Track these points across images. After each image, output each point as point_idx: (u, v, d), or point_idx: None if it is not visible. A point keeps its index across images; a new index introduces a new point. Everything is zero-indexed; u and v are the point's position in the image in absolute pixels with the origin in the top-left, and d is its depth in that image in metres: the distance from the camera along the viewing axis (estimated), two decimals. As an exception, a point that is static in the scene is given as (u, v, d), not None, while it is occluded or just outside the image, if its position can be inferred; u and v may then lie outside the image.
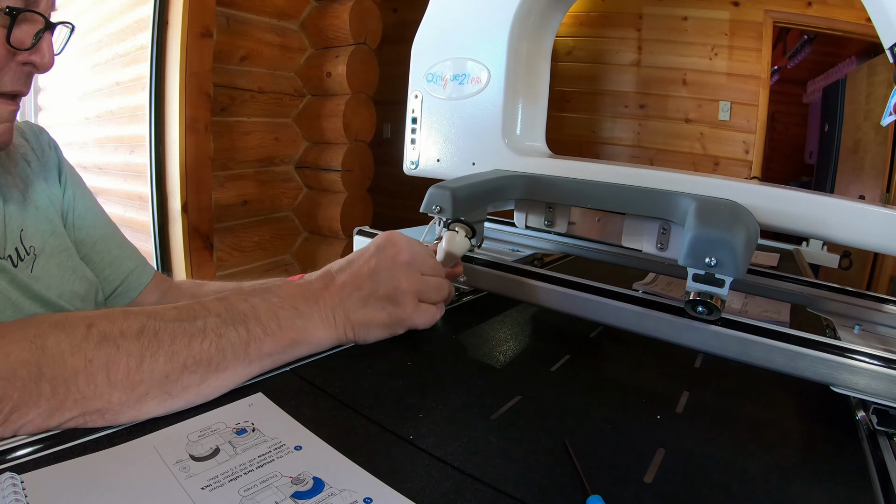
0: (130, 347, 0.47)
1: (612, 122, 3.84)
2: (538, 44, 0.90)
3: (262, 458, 0.43)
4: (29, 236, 0.73)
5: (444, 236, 0.68)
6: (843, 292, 0.77)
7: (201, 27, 2.23)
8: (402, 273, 0.60)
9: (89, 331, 0.47)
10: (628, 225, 0.71)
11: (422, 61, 0.94)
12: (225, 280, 2.64)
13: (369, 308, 0.59)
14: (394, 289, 0.60)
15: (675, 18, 3.56)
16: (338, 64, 2.78)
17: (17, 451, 0.42)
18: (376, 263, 0.60)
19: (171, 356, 0.48)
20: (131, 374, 0.46)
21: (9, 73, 0.63)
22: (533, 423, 0.52)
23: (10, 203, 0.73)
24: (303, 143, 2.99)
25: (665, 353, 0.71)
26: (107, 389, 0.45)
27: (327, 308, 0.58)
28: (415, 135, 0.95)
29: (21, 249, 0.71)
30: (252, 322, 0.53)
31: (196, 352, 0.49)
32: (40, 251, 0.74)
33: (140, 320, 0.49)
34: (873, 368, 0.50)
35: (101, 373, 0.45)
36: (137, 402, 0.46)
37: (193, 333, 0.50)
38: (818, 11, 3.20)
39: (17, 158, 0.77)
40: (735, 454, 0.50)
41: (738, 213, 0.61)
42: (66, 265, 0.78)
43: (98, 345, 0.46)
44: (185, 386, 0.48)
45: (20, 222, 0.73)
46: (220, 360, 0.50)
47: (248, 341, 0.52)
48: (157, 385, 0.47)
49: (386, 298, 0.60)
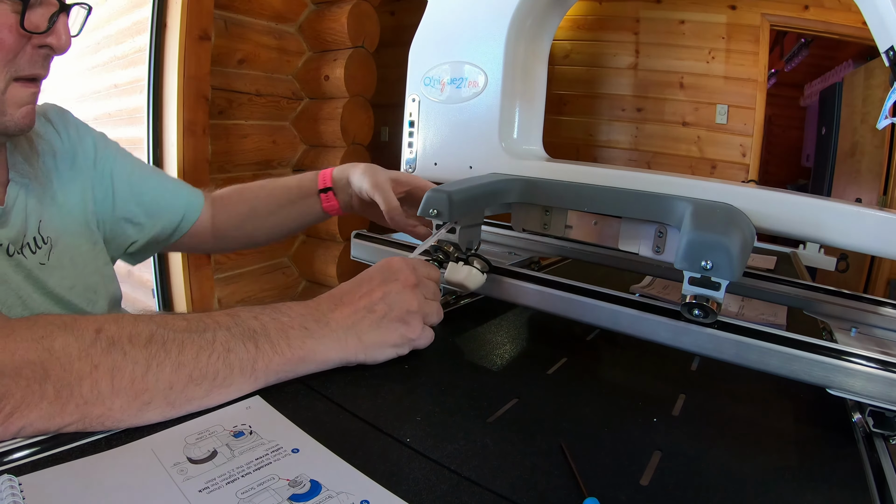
0: (137, 355, 0.47)
1: (609, 125, 3.85)
2: (535, 47, 0.90)
3: (260, 460, 0.43)
4: (46, 227, 0.76)
5: (460, 270, 0.69)
6: (840, 295, 0.77)
7: (199, 30, 2.23)
8: (411, 296, 0.61)
9: (98, 335, 0.47)
10: (625, 228, 0.71)
11: (419, 65, 0.94)
12: (224, 285, 2.64)
13: (382, 329, 0.59)
14: (406, 312, 0.60)
15: (673, 22, 3.56)
16: (335, 67, 2.78)
17: (15, 454, 0.42)
18: (388, 288, 0.61)
19: (177, 367, 0.48)
20: (136, 383, 0.46)
21: (25, 57, 0.64)
22: (529, 426, 0.52)
23: (31, 195, 0.75)
24: (300, 146, 2.99)
25: (662, 356, 0.71)
26: (109, 396, 0.45)
27: (339, 329, 0.58)
28: (412, 138, 0.95)
29: (38, 239, 0.74)
30: (261, 339, 0.53)
31: (203, 365, 0.49)
32: (56, 242, 0.77)
33: (149, 328, 0.49)
34: (869, 371, 0.51)
35: (106, 379, 0.45)
36: (139, 410, 0.46)
37: (202, 346, 0.50)
38: (815, 15, 3.21)
39: (41, 149, 0.79)
40: (731, 456, 0.50)
41: (733, 216, 0.61)
42: (81, 258, 0.80)
43: (105, 350, 0.46)
44: (188, 398, 0.48)
45: (39, 213, 0.76)
46: (227, 374, 0.50)
47: (256, 358, 0.52)
48: (161, 395, 0.47)
49: (398, 320, 0.60)
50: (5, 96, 0.64)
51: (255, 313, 0.55)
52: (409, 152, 0.96)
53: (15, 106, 0.66)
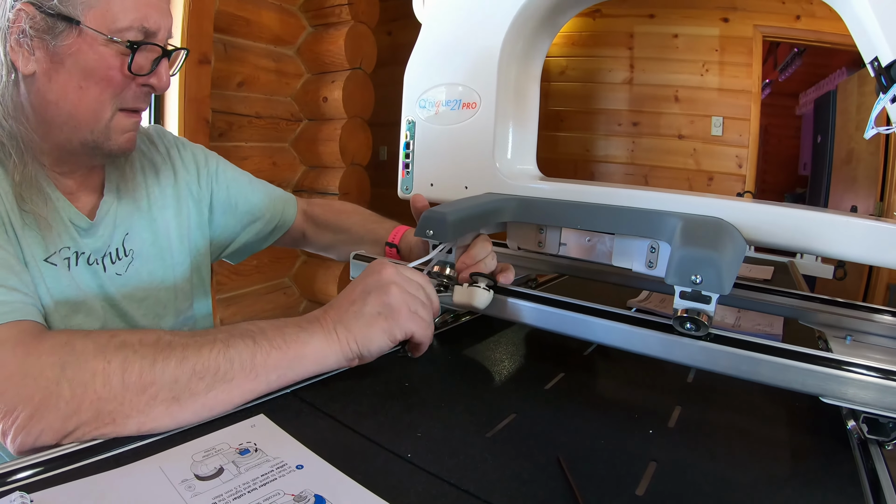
0: (145, 351, 0.53)
1: (606, 140, 3.86)
2: (527, 69, 0.92)
3: (265, 476, 0.44)
4: (131, 240, 0.83)
5: (467, 291, 0.70)
6: (834, 304, 0.77)
7: (199, 54, 2.26)
8: (390, 286, 0.64)
9: (112, 339, 0.54)
10: (618, 245, 0.72)
11: (414, 87, 0.96)
12: (225, 306, 2.65)
13: (366, 317, 0.62)
14: (384, 303, 0.63)
15: (666, 36, 3.59)
16: (334, 89, 2.81)
17: (26, 471, 0.44)
18: (366, 282, 0.65)
19: (181, 360, 0.53)
20: (144, 375, 0.51)
21: (130, 92, 0.73)
22: (528, 440, 0.53)
23: (122, 207, 0.83)
24: (300, 167, 3.01)
25: (658, 369, 0.72)
26: (120, 390, 0.50)
27: (329, 325, 0.61)
28: (408, 160, 0.97)
29: (120, 250, 0.81)
30: (258, 336, 0.57)
31: (205, 358, 0.53)
32: (137, 255, 0.84)
33: (157, 333, 0.55)
34: (861, 378, 0.51)
35: (117, 374, 0.51)
36: (146, 405, 0.50)
37: (203, 343, 0.55)
38: (807, 25, 3.23)
39: (139, 166, 0.88)
40: (727, 466, 0.51)
41: (722, 231, 0.62)
42: (160, 272, 0.87)
43: (118, 349, 0.52)
44: (192, 392, 0.52)
45: (128, 226, 0.83)
46: (228, 369, 0.54)
47: (255, 352, 0.56)
48: (167, 387, 0.51)
49: (380, 306, 0.63)
50: (111, 123, 0.73)
51: (253, 322, 0.60)
52: (405, 174, 0.97)
53: (119, 132, 0.75)
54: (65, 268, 0.73)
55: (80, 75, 0.69)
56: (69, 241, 0.74)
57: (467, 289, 0.70)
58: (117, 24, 0.68)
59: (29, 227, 0.70)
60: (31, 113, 0.71)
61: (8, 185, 0.68)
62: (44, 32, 0.66)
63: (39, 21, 0.66)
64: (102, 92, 0.71)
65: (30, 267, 0.69)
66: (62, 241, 0.73)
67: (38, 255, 0.70)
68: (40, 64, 0.68)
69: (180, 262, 0.90)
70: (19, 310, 0.58)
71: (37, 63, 0.68)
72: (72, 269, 0.74)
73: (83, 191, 0.79)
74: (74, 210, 0.76)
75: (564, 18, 0.91)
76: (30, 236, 0.70)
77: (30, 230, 0.70)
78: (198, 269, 0.96)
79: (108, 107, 0.72)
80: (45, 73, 0.68)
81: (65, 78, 0.69)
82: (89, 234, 0.77)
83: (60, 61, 0.68)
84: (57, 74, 0.69)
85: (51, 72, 0.68)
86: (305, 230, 1.12)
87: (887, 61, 0.59)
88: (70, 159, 0.75)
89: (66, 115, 0.71)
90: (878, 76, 0.61)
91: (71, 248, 0.75)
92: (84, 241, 0.77)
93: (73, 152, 0.74)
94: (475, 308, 0.70)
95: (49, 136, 0.72)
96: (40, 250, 0.71)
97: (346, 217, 1.11)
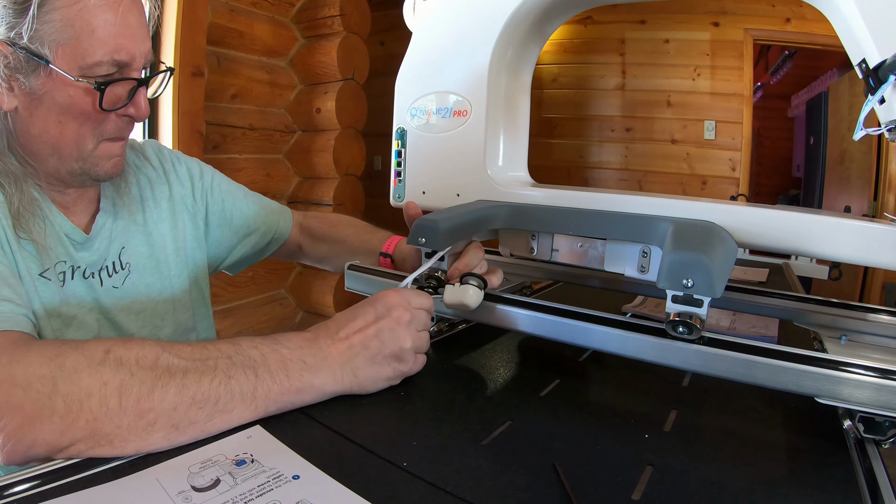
0: (144, 376, 0.51)
1: (599, 146, 3.88)
2: (517, 76, 0.92)
3: (262, 487, 0.44)
4: (128, 253, 0.84)
5: (457, 291, 0.70)
6: (829, 304, 0.78)
7: (193, 67, 2.26)
8: (405, 332, 0.63)
9: (107, 355, 0.51)
10: (610, 250, 0.72)
11: (405, 96, 0.96)
12: (221, 317, 2.64)
13: (376, 365, 0.62)
14: (400, 349, 0.62)
15: (658, 41, 3.62)
16: (327, 100, 2.81)
17: (22, 485, 0.44)
18: (382, 324, 0.63)
19: (181, 389, 0.51)
20: (141, 401, 0.49)
21: (110, 124, 0.74)
22: (523, 447, 0.53)
23: (118, 221, 0.83)
24: (294, 178, 3.01)
25: (653, 374, 0.72)
26: (117, 414, 0.49)
27: (336, 365, 0.60)
28: (400, 168, 0.97)
29: (117, 264, 0.82)
30: (261, 368, 0.56)
31: (205, 389, 0.52)
32: (134, 268, 0.84)
33: (155, 351, 0.53)
34: (856, 378, 0.51)
35: (115, 396, 0.49)
36: (145, 430, 0.49)
37: (204, 371, 0.53)
38: (797, 27, 3.26)
39: (133, 180, 0.88)
40: (722, 468, 0.51)
41: (712, 234, 0.62)
42: (157, 285, 0.87)
43: (114, 369, 0.51)
44: (192, 420, 0.51)
45: (124, 240, 0.84)
46: (228, 400, 0.53)
47: (256, 386, 0.55)
48: (166, 416, 0.50)
49: (392, 356, 0.62)
50: (96, 152, 0.74)
51: (255, 343, 0.58)
52: (397, 182, 0.97)
53: (106, 159, 0.75)
54: (59, 282, 0.73)
55: (57, 111, 0.69)
56: (65, 255, 0.75)
57: (459, 287, 0.70)
58: (87, 60, 0.67)
59: (25, 243, 0.70)
60: (19, 146, 0.72)
61: (6, 208, 0.69)
62: (16, 71, 0.67)
63: (12, 59, 0.66)
64: (81, 126, 0.71)
65: (24, 280, 0.69)
66: (58, 256, 0.74)
67: (33, 270, 0.71)
68: (20, 100, 0.69)
69: (177, 275, 0.90)
70: (9, 319, 0.58)
71: (17, 99, 0.69)
72: (67, 284, 0.75)
73: (79, 205, 0.80)
74: (71, 225, 0.76)
75: (554, 25, 0.91)
76: (26, 251, 0.70)
77: (26, 245, 0.70)
78: (196, 281, 0.95)
79: (89, 139, 0.73)
80: (25, 109, 0.69)
81: (44, 113, 0.70)
82: (85, 247, 0.78)
83: (38, 98, 0.68)
84: (37, 110, 0.69)
85: (31, 107, 0.69)
86: (301, 242, 1.12)
87: (875, 63, 0.59)
88: (64, 181, 0.76)
89: (50, 148, 0.72)
90: (867, 78, 0.61)
91: (67, 263, 0.75)
92: (80, 254, 0.77)
93: (62, 179, 0.76)
94: (467, 306, 0.69)
95: (40, 165, 0.73)
96: (35, 265, 0.71)
97: (341, 229, 1.11)
